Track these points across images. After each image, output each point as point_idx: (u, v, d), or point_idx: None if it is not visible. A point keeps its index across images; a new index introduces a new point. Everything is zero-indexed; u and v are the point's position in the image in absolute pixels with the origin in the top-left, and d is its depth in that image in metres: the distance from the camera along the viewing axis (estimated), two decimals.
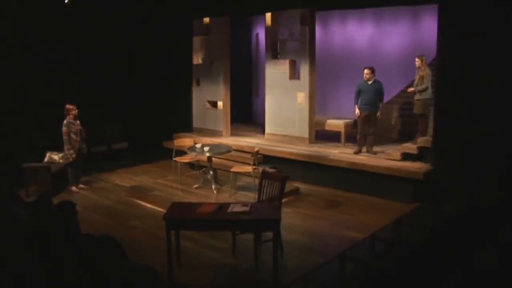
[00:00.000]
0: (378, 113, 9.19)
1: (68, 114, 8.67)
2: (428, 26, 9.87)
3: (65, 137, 8.61)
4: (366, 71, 9.14)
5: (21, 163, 8.70)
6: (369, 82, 9.13)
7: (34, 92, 9.86)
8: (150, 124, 11.75)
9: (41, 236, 3.93)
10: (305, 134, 10.19)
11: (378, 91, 9.08)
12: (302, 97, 10.21)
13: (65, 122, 8.66)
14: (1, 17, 9.37)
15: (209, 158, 8.71)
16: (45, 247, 3.70)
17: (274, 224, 5.43)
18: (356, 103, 9.30)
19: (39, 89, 9.92)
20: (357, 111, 9.31)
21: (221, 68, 11.32)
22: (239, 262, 6.04)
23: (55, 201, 5.22)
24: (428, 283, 3.86)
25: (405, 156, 8.71)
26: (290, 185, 8.37)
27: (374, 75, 9.12)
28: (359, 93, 9.23)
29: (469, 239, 4.50)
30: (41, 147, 9.39)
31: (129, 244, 4.60)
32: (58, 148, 9.10)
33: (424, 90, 8.67)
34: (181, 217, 5.52)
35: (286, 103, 10.43)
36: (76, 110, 8.71)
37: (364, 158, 8.92)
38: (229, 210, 5.46)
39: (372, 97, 9.09)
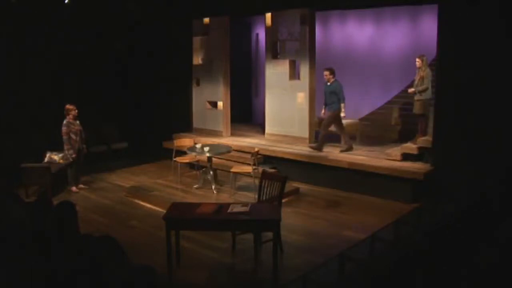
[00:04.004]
0: (342, 113, 9.35)
1: (68, 114, 8.67)
2: (428, 26, 9.87)
3: (64, 137, 8.61)
4: (324, 72, 9.43)
5: (20, 163, 8.69)
6: (328, 83, 9.37)
7: (33, 92, 9.86)
8: (150, 124, 11.75)
9: (41, 236, 3.92)
10: (305, 134, 10.19)
11: (334, 92, 9.28)
12: (302, 97, 10.20)
13: (65, 122, 8.66)
14: (0, 17, 9.37)
15: (209, 158, 8.71)
16: (44, 248, 3.70)
17: (274, 224, 5.43)
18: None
19: (39, 89, 9.92)
20: (322, 111, 9.64)
21: (221, 68, 11.31)
22: (239, 262, 6.04)
23: (55, 201, 5.22)
24: (427, 282, 3.85)
25: (406, 156, 8.70)
26: (290, 185, 8.37)
27: (333, 76, 9.34)
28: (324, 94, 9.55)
29: (469, 238, 4.50)
30: (41, 147, 9.39)
31: (128, 244, 4.59)
32: (58, 148, 9.10)
33: (424, 90, 8.66)
34: (181, 217, 5.51)
35: (286, 103, 10.43)
36: (76, 110, 8.71)
37: (364, 158, 8.92)
38: (229, 210, 5.46)
39: (330, 98, 9.34)
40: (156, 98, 11.89)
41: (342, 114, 9.34)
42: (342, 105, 9.29)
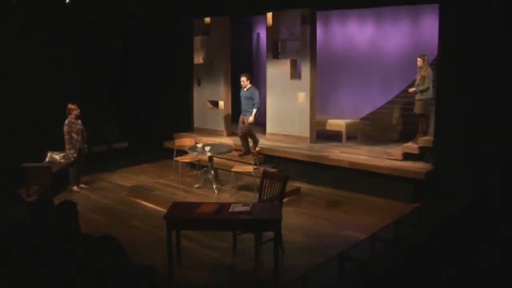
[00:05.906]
0: (251, 118, 9.41)
1: (70, 114, 8.68)
2: (428, 26, 9.87)
3: (66, 137, 8.62)
4: (242, 78, 9.52)
5: (21, 163, 8.70)
6: (245, 89, 9.48)
7: (33, 92, 9.86)
8: (150, 124, 11.75)
9: (42, 236, 3.93)
10: (306, 133, 10.19)
11: (250, 97, 9.40)
12: (303, 97, 10.20)
13: (66, 121, 8.66)
14: (1, 17, 9.37)
15: (210, 158, 8.71)
16: (45, 247, 3.71)
17: (274, 224, 5.43)
18: None
19: (39, 89, 9.92)
20: (241, 117, 9.73)
21: (222, 68, 11.32)
22: (239, 262, 6.05)
23: (56, 201, 5.22)
24: (427, 282, 3.86)
25: (406, 156, 8.70)
26: (291, 185, 8.36)
27: (250, 82, 9.47)
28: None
29: (469, 238, 4.50)
30: (42, 147, 9.40)
31: (129, 244, 4.59)
32: (59, 148, 9.10)
33: (425, 90, 8.66)
34: (182, 217, 5.52)
35: (287, 103, 10.43)
36: (78, 110, 8.71)
37: (364, 158, 8.92)
38: (230, 210, 5.46)
39: (246, 103, 9.49)
40: (156, 98, 11.89)
41: (251, 119, 9.41)
42: (254, 110, 9.40)
